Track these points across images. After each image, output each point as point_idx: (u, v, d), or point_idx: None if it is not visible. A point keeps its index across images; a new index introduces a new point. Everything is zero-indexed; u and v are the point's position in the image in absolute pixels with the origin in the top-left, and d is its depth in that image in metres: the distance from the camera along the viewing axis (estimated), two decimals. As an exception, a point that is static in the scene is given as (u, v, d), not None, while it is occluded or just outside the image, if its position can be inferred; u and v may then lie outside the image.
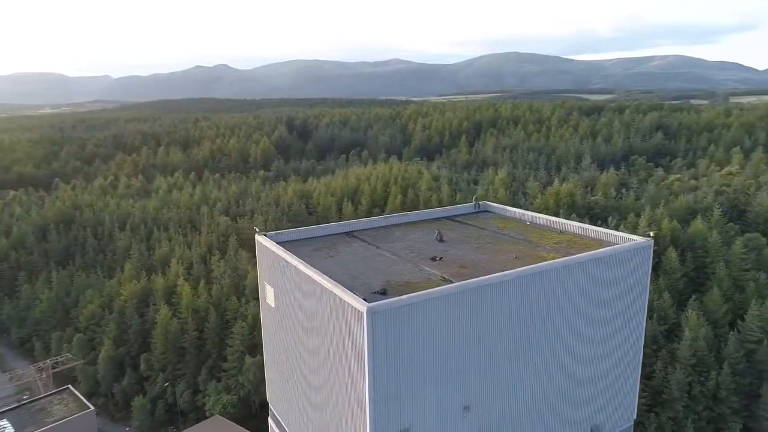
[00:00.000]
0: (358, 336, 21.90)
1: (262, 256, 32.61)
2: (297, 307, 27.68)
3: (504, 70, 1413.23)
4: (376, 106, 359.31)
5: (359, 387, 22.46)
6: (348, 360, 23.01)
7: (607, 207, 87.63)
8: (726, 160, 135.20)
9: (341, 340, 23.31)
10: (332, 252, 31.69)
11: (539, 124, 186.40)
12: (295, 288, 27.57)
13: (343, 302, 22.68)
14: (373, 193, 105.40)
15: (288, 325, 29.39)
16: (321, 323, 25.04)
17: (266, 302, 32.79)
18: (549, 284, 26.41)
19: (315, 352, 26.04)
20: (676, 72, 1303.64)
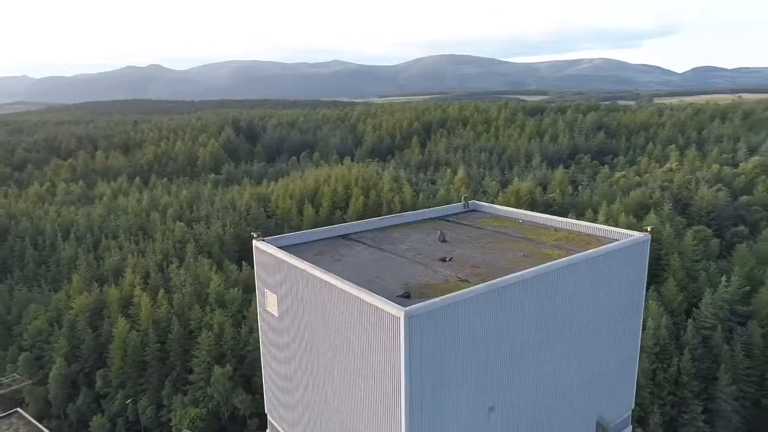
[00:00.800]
0: (393, 342, 21.23)
1: (261, 262, 31.23)
2: (312, 314, 26.62)
3: (443, 71, 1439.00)
4: (320, 107, 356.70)
5: (393, 395, 21.80)
6: (379, 367, 22.30)
7: (564, 204, 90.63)
8: (663, 157, 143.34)
9: (371, 347, 22.55)
10: (336, 256, 30.80)
11: (487, 124, 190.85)
12: (309, 295, 26.50)
13: (374, 308, 21.95)
14: (334, 195, 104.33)
15: (298, 334, 28.24)
16: (345, 330, 24.14)
17: (267, 310, 31.40)
18: (565, 280, 26.76)
19: (336, 360, 25.10)
20: (603, 74, 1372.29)
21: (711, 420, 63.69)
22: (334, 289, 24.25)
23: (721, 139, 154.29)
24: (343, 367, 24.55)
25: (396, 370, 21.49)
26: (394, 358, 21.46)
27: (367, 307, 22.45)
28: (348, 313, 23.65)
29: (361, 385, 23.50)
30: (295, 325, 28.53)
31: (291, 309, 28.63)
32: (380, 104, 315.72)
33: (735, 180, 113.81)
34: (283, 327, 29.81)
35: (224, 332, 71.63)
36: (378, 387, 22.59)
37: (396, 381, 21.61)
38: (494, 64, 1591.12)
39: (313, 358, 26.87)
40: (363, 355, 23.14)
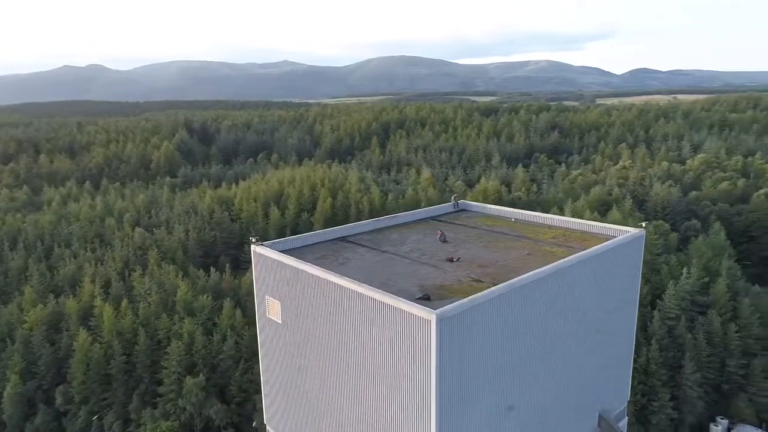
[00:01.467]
0: (424, 346, 20.91)
1: (262, 267, 30.19)
2: (325, 321, 25.87)
3: (394, 72, 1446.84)
4: (272, 107, 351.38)
5: (422, 399, 21.45)
6: (407, 371, 21.88)
7: (529, 202, 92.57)
8: (615, 155, 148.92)
9: (398, 351, 22.10)
10: (340, 259, 30.14)
11: (445, 125, 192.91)
12: (322, 300, 25.76)
13: (402, 311, 21.53)
14: (300, 197, 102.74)
15: (308, 341, 27.41)
16: (366, 335, 23.56)
17: (268, 318, 30.40)
18: (576, 276, 27.18)
19: (356, 366, 24.48)
20: (548, 76, 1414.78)
21: (678, 406, 66.38)
22: (354, 294, 23.66)
23: (666, 138, 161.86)
24: (364, 373, 23.97)
25: (426, 373, 21.15)
26: (424, 361, 21.11)
27: (392, 311, 22.00)
28: (370, 317, 23.10)
29: (386, 391, 23.00)
30: (303, 332, 27.69)
31: (299, 315, 27.75)
32: (335, 105, 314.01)
33: (684, 176, 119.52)
34: (289, 334, 28.90)
35: (195, 341, 69.11)
36: (405, 391, 22.15)
37: (426, 385, 21.26)
38: (444, 65, 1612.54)
39: (329, 365, 26.12)
40: (388, 360, 22.65)
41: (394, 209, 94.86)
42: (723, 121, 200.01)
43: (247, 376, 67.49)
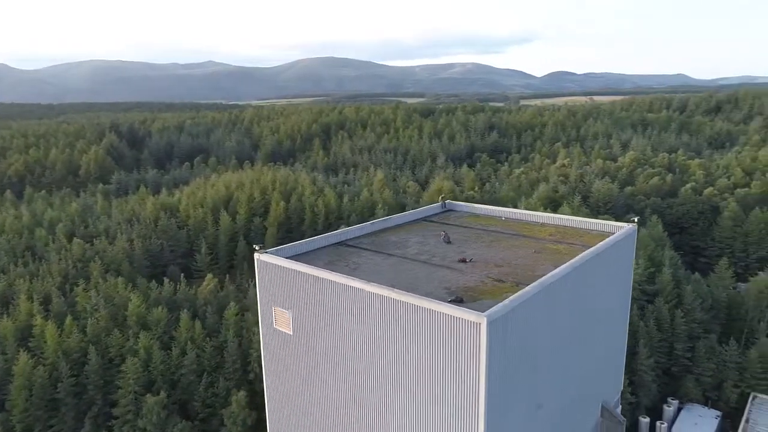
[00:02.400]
0: (472, 350, 20.52)
1: (268, 277, 28.65)
2: (350, 329, 24.86)
3: (322, 73, 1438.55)
4: (202, 109, 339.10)
5: (470, 404, 21.07)
6: (452, 376, 21.40)
7: (483, 201, 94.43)
8: (552, 154, 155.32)
9: (441, 358, 21.57)
10: (351, 264, 29.17)
11: (386, 125, 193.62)
12: (345, 308, 24.74)
13: (447, 316, 21.03)
14: (251, 201, 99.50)
15: (325, 352, 26.26)
16: (404, 343, 22.83)
17: (276, 329, 28.92)
18: (592, 272, 27.77)
19: (390, 375, 23.68)
20: (474, 78, 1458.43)
21: (635, 390, 69.94)
22: (389, 301, 22.87)
23: (596, 137, 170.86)
24: (401, 381, 23.23)
25: (474, 377, 20.78)
26: (472, 365, 20.73)
27: (436, 316, 21.44)
28: (409, 324, 22.40)
29: (427, 398, 22.40)
30: (321, 343, 26.52)
31: (316, 325, 26.55)
32: (272, 107, 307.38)
33: (618, 173, 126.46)
34: (302, 345, 27.61)
35: (152, 357, 65.07)
36: (450, 398, 21.66)
37: (474, 390, 20.89)
38: (372, 66, 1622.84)
39: (354, 375, 25.14)
40: (429, 367, 22.05)
41: (350, 212, 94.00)
42: (642, 120, 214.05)
43: (211, 390, 64.36)
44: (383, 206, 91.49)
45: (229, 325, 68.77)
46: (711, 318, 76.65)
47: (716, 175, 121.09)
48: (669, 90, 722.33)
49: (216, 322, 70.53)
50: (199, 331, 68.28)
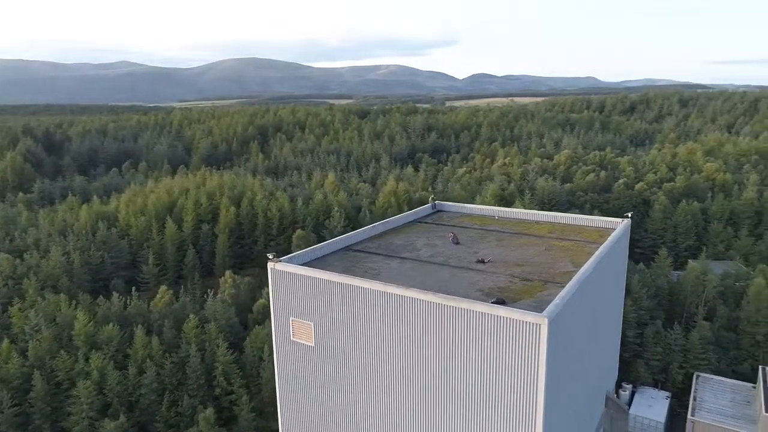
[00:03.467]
0: (531, 352, 20.29)
1: (285, 287, 27.07)
2: (392, 340, 23.92)
3: (245, 75, 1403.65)
4: (121, 112, 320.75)
5: (527, 405, 20.85)
6: (508, 378, 21.08)
7: (436, 200, 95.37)
8: (490, 153, 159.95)
9: (497, 362, 21.19)
10: (369, 270, 28.18)
11: (324, 127, 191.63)
12: (388, 318, 23.78)
13: (502, 319, 20.68)
14: (198, 208, 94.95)
15: (357, 364, 25.16)
16: (454, 352, 22.23)
17: (293, 341, 27.40)
18: (608, 266, 28.48)
19: (430, 385, 23.01)
20: (399, 80, 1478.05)
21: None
22: (438, 307, 22.19)
23: (530, 136, 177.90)
24: (450, 387, 22.61)
25: (532, 380, 20.58)
26: (530, 367, 20.52)
27: (491, 319, 21.02)
28: (459, 329, 21.84)
29: (480, 403, 21.93)
30: (350, 353, 25.38)
31: (344, 336, 25.37)
32: (202, 109, 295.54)
33: (556, 170, 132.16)
34: (326, 357, 26.33)
35: (107, 378, 60.43)
36: (506, 401, 21.32)
37: (532, 392, 20.68)
38: (297, 68, 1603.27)
39: (393, 384, 24.21)
40: (482, 370, 21.60)
41: (305, 215, 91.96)
42: (567, 120, 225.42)
43: (174, 410, 60.78)
44: (339, 209, 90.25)
45: (189, 338, 65.28)
46: (656, 305, 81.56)
47: (644, 171, 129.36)
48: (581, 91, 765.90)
49: (174, 336, 66.69)
50: (156, 347, 64.27)
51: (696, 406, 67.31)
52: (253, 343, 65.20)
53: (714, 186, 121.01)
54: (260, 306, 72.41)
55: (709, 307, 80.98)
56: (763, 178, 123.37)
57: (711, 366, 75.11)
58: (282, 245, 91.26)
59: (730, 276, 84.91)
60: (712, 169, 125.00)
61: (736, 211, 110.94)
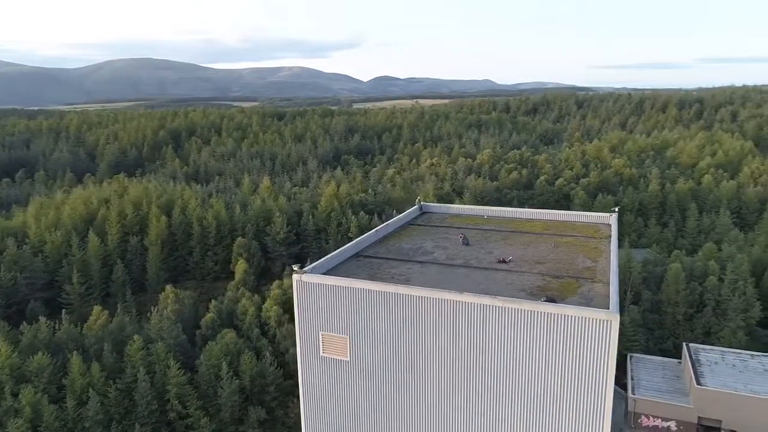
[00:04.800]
0: (600, 349, 20.44)
1: (313, 300, 25.31)
2: (437, 347, 23.09)
3: (139, 76, 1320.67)
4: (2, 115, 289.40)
5: (593, 406, 20.98)
6: (573, 379, 21.08)
7: (377, 202, 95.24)
8: (414, 153, 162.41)
9: (560, 361, 21.12)
10: (398, 276, 27.12)
11: (242, 130, 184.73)
12: (434, 325, 22.93)
13: (570, 318, 20.64)
14: (122, 219, 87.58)
15: (400, 375, 24.09)
16: (511, 353, 21.86)
17: (323, 357, 25.71)
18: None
19: (491, 389, 22.51)
20: (303, 82, 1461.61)
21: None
22: (496, 310, 21.73)
23: (450, 136, 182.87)
24: (513, 390, 22.23)
25: (601, 374, 20.83)
26: (600, 362, 20.71)
27: (557, 319, 20.91)
28: (522, 330, 21.54)
29: (546, 403, 21.76)
30: (393, 366, 24.45)
31: (385, 348, 24.30)
32: (104, 113, 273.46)
33: (481, 169, 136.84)
34: (364, 370, 25.03)
35: (42, 414, 53.84)
36: (573, 398, 21.29)
37: (600, 386, 20.91)
38: (195, 69, 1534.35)
39: (443, 393, 23.39)
40: (547, 370, 21.47)
41: (243, 222, 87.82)
42: (479, 121, 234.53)
43: (124, 441, 55.46)
44: (280, 213, 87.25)
45: (135, 361, 59.94)
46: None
47: (560, 168, 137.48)
48: (480, 93, 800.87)
49: (117, 360, 60.93)
50: (97, 374, 58.40)
51: (634, 384, 72.12)
52: (207, 361, 61.12)
53: (622, 180, 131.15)
54: (209, 321, 68.15)
55: (635, 291, 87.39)
56: (662, 171, 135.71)
57: (641, 346, 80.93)
58: (221, 255, 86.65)
59: (650, 262, 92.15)
60: (619, 165, 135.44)
61: (644, 202, 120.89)
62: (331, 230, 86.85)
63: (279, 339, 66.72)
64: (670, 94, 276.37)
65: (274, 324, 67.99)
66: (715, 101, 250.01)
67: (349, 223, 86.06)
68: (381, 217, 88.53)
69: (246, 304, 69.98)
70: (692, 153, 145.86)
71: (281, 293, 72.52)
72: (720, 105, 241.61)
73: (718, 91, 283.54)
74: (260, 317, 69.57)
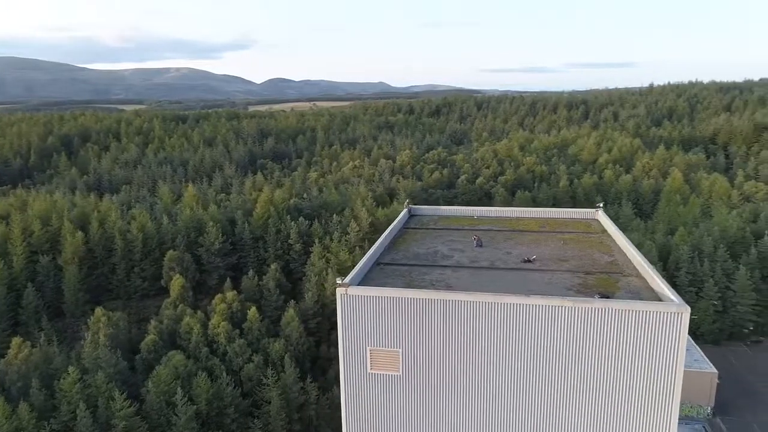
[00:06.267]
0: (670, 341, 21.03)
1: (362, 314, 23.67)
2: (498, 352, 22.56)
3: (2, 77, 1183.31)
4: None
5: (664, 398, 21.58)
6: (644, 372, 21.51)
7: (314, 206, 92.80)
8: (333, 156, 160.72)
9: (630, 356, 21.46)
10: (436, 282, 26.18)
11: (144, 135, 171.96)
12: (498, 331, 22.37)
13: (642, 313, 21.01)
14: (28, 236, 77.77)
15: (454, 387, 23.32)
16: (578, 352, 21.85)
17: (371, 373, 24.14)
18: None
19: (562, 390, 22.37)
20: (192, 83, 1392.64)
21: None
22: (567, 310, 21.62)
23: (365, 139, 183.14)
24: (580, 387, 22.31)
25: (671, 365, 21.56)
26: (670, 354, 21.42)
27: (628, 315, 21.22)
28: (593, 328, 21.68)
29: (617, 398, 22.01)
30: (450, 377, 23.57)
31: (442, 358, 23.43)
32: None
33: (403, 170, 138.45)
34: (418, 385, 24.02)
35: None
36: (644, 391, 21.74)
37: (670, 377, 21.60)
38: (71, 70, 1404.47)
39: (506, 398, 22.93)
40: (617, 366, 21.80)
41: (173, 234, 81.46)
42: (388, 123, 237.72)
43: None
44: (212, 222, 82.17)
45: (71, 396, 53.44)
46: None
47: (478, 167, 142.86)
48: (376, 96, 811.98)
49: (48, 397, 53.91)
50: (27, 414, 51.29)
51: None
52: (155, 388, 55.84)
53: (534, 177, 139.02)
54: (150, 343, 62.43)
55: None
56: (568, 167, 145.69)
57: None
58: (149, 270, 79.75)
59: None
60: (531, 162, 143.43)
61: (557, 197, 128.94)
62: (269, 238, 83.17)
63: (231, 356, 62.69)
64: (560, 96, 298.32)
65: (223, 341, 63.79)
66: (598, 102, 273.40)
67: (289, 230, 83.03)
68: (321, 222, 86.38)
69: (190, 322, 65.04)
70: (591, 150, 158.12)
71: (226, 308, 68.26)
72: (602, 106, 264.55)
73: (600, 93, 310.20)
74: (207, 335, 64.98)
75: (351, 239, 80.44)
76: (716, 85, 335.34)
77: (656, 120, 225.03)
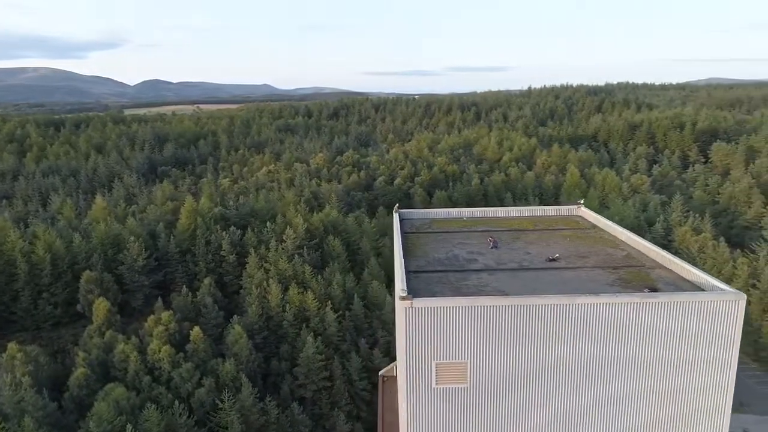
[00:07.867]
0: (727, 330, 22.29)
1: (430, 327, 22.42)
2: (567, 354, 22.56)
3: None
4: None
5: (720, 387, 22.82)
6: (703, 362, 22.59)
7: (242, 214, 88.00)
8: (242, 160, 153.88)
9: (691, 346, 22.45)
10: (484, 287, 25.51)
11: (18, 143, 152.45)
12: (568, 333, 22.32)
13: (702, 303, 22.05)
14: None
15: (522, 394, 23.00)
16: (643, 347, 22.44)
17: (435, 388, 22.96)
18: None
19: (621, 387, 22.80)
20: (54, 85, 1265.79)
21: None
22: (636, 306, 22.16)
23: (272, 143, 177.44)
24: (643, 381, 23.10)
25: (727, 354, 23.11)
26: (727, 343, 22.87)
27: (689, 306, 22.20)
28: (658, 323, 22.51)
29: (676, 389, 22.99)
30: (518, 384, 23.26)
31: (511, 366, 23.05)
32: None
33: (320, 173, 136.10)
34: (486, 395, 23.48)
35: None
36: (701, 380, 22.85)
37: (726, 366, 23.15)
38: None
39: (575, 398, 22.99)
40: (678, 357, 22.74)
41: (87, 252, 72.78)
42: (287, 125, 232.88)
43: None
44: (130, 236, 74.87)
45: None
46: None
47: (393, 168, 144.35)
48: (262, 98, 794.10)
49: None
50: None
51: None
52: (97, 428, 49.52)
53: (447, 176, 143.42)
54: (81, 378, 55.30)
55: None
56: (476, 166, 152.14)
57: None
58: (60, 295, 70.63)
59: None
60: (443, 162, 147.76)
61: (471, 194, 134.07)
62: (198, 250, 77.35)
63: (178, 382, 57.39)
64: (452, 98, 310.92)
65: (167, 367, 58.24)
66: (488, 104, 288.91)
67: (220, 241, 77.91)
68: (253, 231, 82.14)
69: (125, 349, 58.61)
70: (494, 149, 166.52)
71: (164, 330, 62.45)
72: (491, 108, 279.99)
73: (489, 95, 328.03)
74: (146, 362, 58.94)
75: (288, 247, 77.29)
76: (585, 88, 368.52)
77: (540, 120, 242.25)
